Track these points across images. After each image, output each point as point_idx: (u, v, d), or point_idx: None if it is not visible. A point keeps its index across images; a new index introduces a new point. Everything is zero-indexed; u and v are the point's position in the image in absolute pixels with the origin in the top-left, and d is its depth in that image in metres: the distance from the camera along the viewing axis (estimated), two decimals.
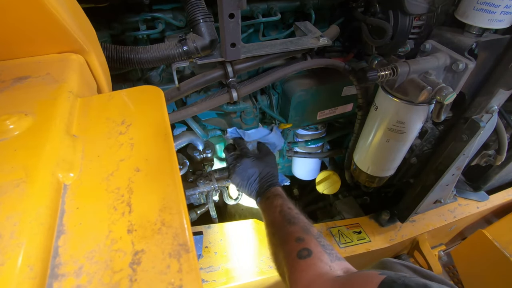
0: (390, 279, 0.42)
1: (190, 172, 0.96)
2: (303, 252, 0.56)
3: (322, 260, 0.54)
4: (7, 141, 0.30)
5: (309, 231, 0.61)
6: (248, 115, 0.92)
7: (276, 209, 0.70)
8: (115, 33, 0.72)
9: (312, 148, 1.17)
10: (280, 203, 0.71)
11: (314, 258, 0.54)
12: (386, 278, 0.42)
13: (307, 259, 0.54)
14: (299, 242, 0.58)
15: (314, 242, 0.58)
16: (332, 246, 0.59)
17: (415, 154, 0.90)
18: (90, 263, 0.25)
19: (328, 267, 0.53)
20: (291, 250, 0.58)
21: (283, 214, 0.67)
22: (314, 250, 0.56)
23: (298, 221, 0.64)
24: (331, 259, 0.55)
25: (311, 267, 0.53)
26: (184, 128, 0.99)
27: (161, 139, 0.35)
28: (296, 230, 0.61)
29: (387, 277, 0.42)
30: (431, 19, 0.71)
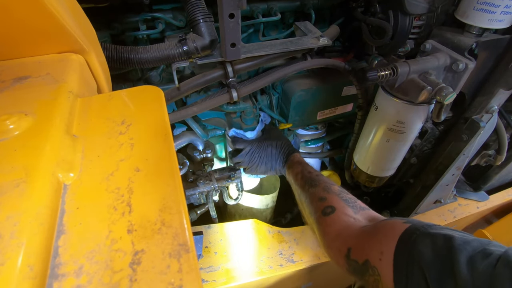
0: (413, 227, 0.44)
1: (190, 172, 0.95)
2: (327, 210, 0.60)
3: (346, 213, 0.58)
4: (7, 141, 0.30)
5: (330, 189, 0.65)
6: (248, 115, 0.92)
7: (298, 176, 0.75)
8: (115, 33, 0.72)
9: (312, 148, 1.17)
10: (300, 170, 0.76)
11: (338, 213, 0.58)
12: (410, 226, 0.44)
13: (331, 215, 0.58)
14: (322, 201, 0.62)
15: (336, 199, 0.61)
16: (355, 198, 0.63)
17: (415, 154, 0.90)
18: (90, 263, 0.25)
19: (352, 219, 0.56)
20: (316, 209, 0.62)
21: (305, 179, 0.73)
22: (337, 206, 0.59)
23: (319, 182, 0.68)
24: (354, 211, 0.58)
25: (336, 222, 0.57)
26: (184, 128, 0.99)
27: (161, 139, 0.35)
28: (318, 191, 0.66)
29: (411, 225, 0.44)
30: (431, 19, 0.71)
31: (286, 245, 0.97)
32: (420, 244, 0.41)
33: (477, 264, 0.36)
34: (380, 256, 0.45)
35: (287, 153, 0.85)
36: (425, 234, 0.42)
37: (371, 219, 0.57)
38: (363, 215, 0.58)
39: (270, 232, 1.01)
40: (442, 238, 0.40)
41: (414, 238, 0.42)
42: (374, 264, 0.45)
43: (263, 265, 0.92)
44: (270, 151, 0.86)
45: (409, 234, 0.43)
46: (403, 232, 0.44)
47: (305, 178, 0.73)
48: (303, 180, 0.73)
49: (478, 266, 0.35)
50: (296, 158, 0.82)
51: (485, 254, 0.37)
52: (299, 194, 0.73)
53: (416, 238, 0.42)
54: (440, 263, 0.38)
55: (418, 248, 0.41)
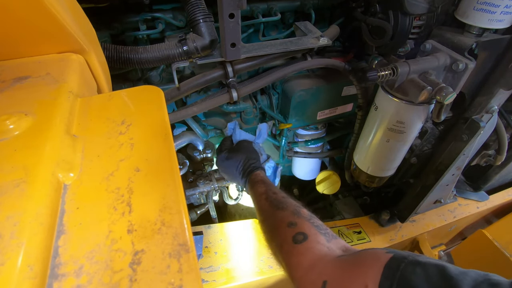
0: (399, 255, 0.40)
1: (190, 172, 0.95)
2: (298, 237, 0.54)
3: (319, 242, 0.52)
4: (7, 141, 0.30)
5: (300, 214, 0.59)
6: (248, 115, 0.92)
7: (262, 197, 0.68)
8: (115, 33, 0.72)
9: (312, 148, 1.17)
10: (264, 190, 0.69)
11: (311, 241, 0.52)
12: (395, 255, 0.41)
13: (303, 243, 0.52)
14: (292, 227, 0.56)
15: (307, 225, 0.56)
16: (325, 225, 0.58)
17: (415, 154, 0.90)
18: (90, 263, 0.25)
19: (326, 249, 0.51)
20: (285, 236, 0.55)
21: (270, 200, 0.66)
22: (309, 233, 0.54)
23: (286, 205, 0.62)
24: (327, 240, 0.53)
25: (309, 250, 0.51)
26: (184, 128, 0.99)
27: (161, 139, 0.35)
28: (286, 215, 0.59)
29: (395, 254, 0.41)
30: (431, 19, 0.71)
31: None
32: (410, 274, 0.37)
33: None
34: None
35: (248, 170, 0.78)
36: (414, 263, 0.38)
37: (345, 249, 0.52)
38: (336, 245, 0.53)
39: None
40: (434, 267, 0.37)
41: (402, 267, 0.38)
42: None
43: (263, 265, 0.92)
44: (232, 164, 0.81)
45: (397, 263, 0.39)
46: (388, 260, 0.40)
47: (270, 199, 0.66)
48: (267, 201, 0.66)
49: None
50: (259, 177, 0.75)
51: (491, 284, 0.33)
52: (263, 218, 0.65)
53: (405, 267, 0.38)
54: None
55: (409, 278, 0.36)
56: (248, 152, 0.83)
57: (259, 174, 0.76)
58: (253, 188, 0.73)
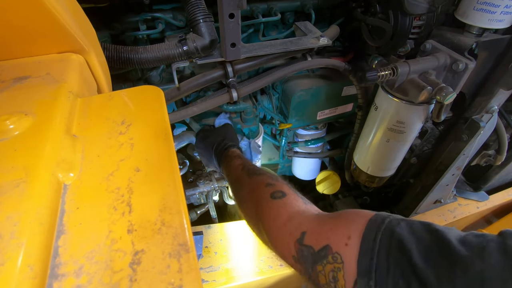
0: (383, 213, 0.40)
1: (190, 172, 0.96)
2: (277, 194, 0.53)
3: (297, 200, 0.52)
4: (7, 141, 0.30)
5: (278, 179, 0.58)
6: (248, 115, 0.92)
7: (238, 168, 0.66)
8: (115, 33, 0.72)
9: (312, 148, 1.17)
10: (240, 162, 0.68)
11: (289, 198, 0.52)
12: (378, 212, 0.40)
13: (282, 199, 0.52)
14: (270, 186, 0.55)
15: (285, 187, 0.55)
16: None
17: (415, 154, 0.90)
18: (90, 263, 0.25)
19: (304, 207, 0.50)
20: (263, 194, 0.54)
21: (247, 169, 0.64)
22: (287, 192, 0.53)
23: (264, 172, 0.61)
24: (304, 202, 0.52)
25: (288, 205, 0.50)
26: (184, 128, 0.99)
27: (161, 139, 0.35)
28: (264, 178, 0.58)
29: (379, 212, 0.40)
30: (431, 19, 0.71)
31: None
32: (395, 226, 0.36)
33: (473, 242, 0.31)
34: (347, 240, 0.39)
35: (224, 148, 0.76)
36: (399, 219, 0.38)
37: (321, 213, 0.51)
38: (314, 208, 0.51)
39: None
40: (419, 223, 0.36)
41: (387, 221, 0.37)
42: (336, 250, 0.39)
43: (263, 265, 0.92)
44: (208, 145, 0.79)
45: (381, 218, 0.38)
46: (372, 216, 0.39)
47: (247, 168, 0.64)
48: (244, 170, 0.64)
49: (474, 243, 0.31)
50: (235, 153, 0.73)
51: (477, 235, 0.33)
52: (238, 186, 0.63)
53: (390, 222, 0.37)
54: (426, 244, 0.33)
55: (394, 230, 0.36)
56: (227, 133, 0.81)
57: (235, 150, 0.75)
58: (229, 163, 0.71)
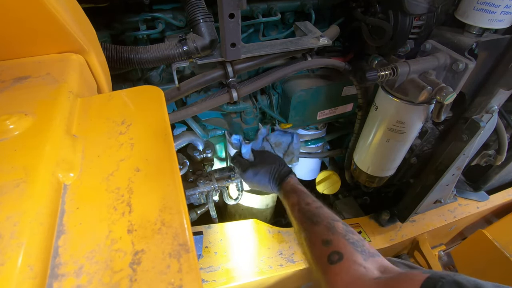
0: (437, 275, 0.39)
1: (190, 172, 0.95)
2: (334, 257, 0.52)
3: (355, 261, 0.50)
4: (7, 141, 0.30)
5: (335, 229, 0.57)
6: (248, 115, 0.92)
7: (295, 208, 0.67)
8: (115, 33, 0.72)
9: (312, 148, 1.17)
10: (296, 201, 0.68)
11: (346, 260, 0.51)
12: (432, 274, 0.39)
13: (339, 263, 0.51)
14: (327, 245, 0.54)
15: (343, 242, 0.54)
16: (362, 239, 0.56)
17: (415, 154, 0.90)
18: (90, 263, 0.25)
19: (363, 269, 0.49)
20: (321, 254, 0.54)
21: (303, 212, 0.64)
22: (344, 252, 0.52)
23: (321, 219, 0.60)
24: (364, 258, 0.51)
25: (344, 271, 0.49)
26: (184, 128, 0.99)
27: (161, 139, 0.35)
28: (321, 231, 0.57)
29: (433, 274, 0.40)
30: (431, 19, 0.71)
31: (286, 245, 0.97)
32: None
33: None
34: None
35: (279, 178, 0.77)
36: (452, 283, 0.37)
37: (383, 269, 0.50)
38: (374, 264, 0.51)
39: (270, 232, 1.01)
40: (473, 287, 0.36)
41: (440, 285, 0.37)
42: None
43: (263, 265, 0.92)
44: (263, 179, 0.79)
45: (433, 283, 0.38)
46: (425, 280, 0.39)
47: (303, 211, 0.64)
48: (300, 213, 0.64)
49: None
50: (289, 186, 0.73)
51: None
52: (298, 229, 0.64)
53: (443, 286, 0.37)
54: None
55: None
56: (272, 162, 0.82)
57: (289, 182, 0.75)
58: (286, 199, 0.72)
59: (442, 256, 1.25)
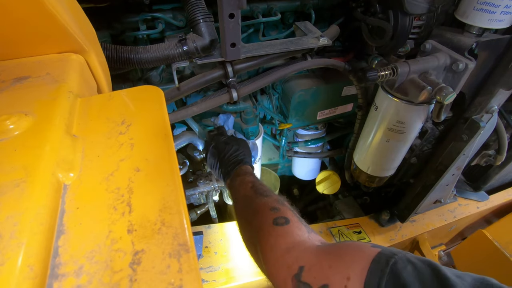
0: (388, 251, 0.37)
1: (190, 172, 0.96)
2: (280, 220, 0.51)
3: (300, 228, 0.50)
4: (7, 141, 0.30)
5: (284, 203, 0.57)
6: (248, 115, 0.92)
7: (248, 185, 0.66)
8: (115, 33, 0.72)
9: (312, 148, 1.17)
10: (251, 180, 0.67)
11: (292, 226, 0.50)
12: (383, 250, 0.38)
13: (284, 226, 0.50)
14: (275, 211, 0.54)
15: (290, 213, 0.54)
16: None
17: (415, 154, 0.90)
18: (90, 263, 0.25)
19: (306, 236, 0.49)
20: (266, 218, 0.53)
21: (255, 188, 0.63)
22: (291, 219, 0.52)
23: (271, 194, 0.61)
24: (308, 231, 0.51)
25: (289, 234, 0.49)
26: (184, 128, 0.99)
27: (161, 139, 0.35)
28: (270, 201, 0.57)
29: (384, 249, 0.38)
30: (431, 19, 0.71)
31: None
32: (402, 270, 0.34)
33: None
34: (346, 282, 0.37)
35: (237, 161, 0.75)
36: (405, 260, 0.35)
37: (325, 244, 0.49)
38: (316, 238, 0.50)
39: None
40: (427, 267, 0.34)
41: (393, 262, 0.35)
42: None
43: None
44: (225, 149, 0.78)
45: (385, 259, 0.36)
46: (376, 254, 0.37)
47: (256, 187, 0.64)
48: (253, 189, 0.64)
49: None
50: (249, 170, 0.73)
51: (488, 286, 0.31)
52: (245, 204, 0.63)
53: (396, 263, 0.35)
54: None
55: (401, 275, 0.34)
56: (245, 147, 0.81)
57: (249, 168, 0.75)
58: (240, 177, 0.71)
59: (442, 256, 1.25)
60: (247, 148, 0.83)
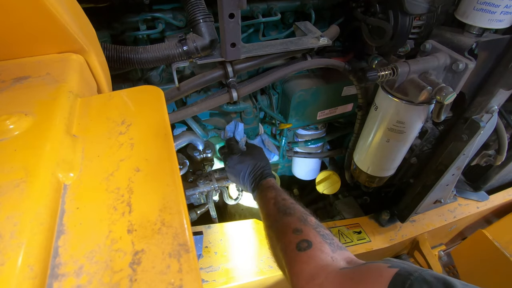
0: (405, 271, 0.39)
1: (190, 172, 0.95)
2: (303, 244, 0.53)
3: (323, 251, 0.51)
4: (7, 141, 0.30)
5: (307, 221, 0.58)
6: (248, 115, 0.92)
7: (270, 202, 0.67)
8: (115, 33, 0.72)
9: (312, 148, 1.17)
10: (273, 195, 0.69)
11: (315, 249, 0.51)
12: (400, 270, 0.39)
13: (307, 251, 0.51)
14: (297, 233, 0.55)
15: (313, 233, 0.55)
16: (332, 234, 0.57)
17: (415, 154, 0.90)
18: (90, 263, 0.25)
19: (330, 259, 0.50)
20: (289, 242, 0.55)
21: (278, 205, 0.65)
22: (313, 241, 0.53)
23: (294, 211, 0.62)
24: (332, 250, 0.52)
25: (312, 259, 0.50)
26: (184, 128, 0.99)
27: (161, 139, 0.35)
28: (292, 221, 0.59)
29: (400, 270, 0.39)
30: (431, 19, 0.71)
31: None
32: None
33: None
34: None
35: (258, 177, 0.78)
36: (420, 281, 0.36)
37: (349, 261, 0.51)
38: (341, 255, 0.51)
39: None
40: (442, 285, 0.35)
41: (408, 284, 0.37)
42: None
43: (263, 265, 0.92)
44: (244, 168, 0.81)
45: (401, 280, 0.37)
46: (393, 277, 0.38)
47: (278, 205, 0.65)
48: (275, 206, 0.65)
49: None
50: (270, 183, 0.74)
51: None
52: (269, 223, 0.65)
53: (412, 285, 0.36)
54: None
55: None
56: (261, 158, 0.83)
57: (270, 181, 0.76)
58: (262, 193, 0.72)
59: (442, 256, 1.25)
60: (263, 157, 0.84)
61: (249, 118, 0.93)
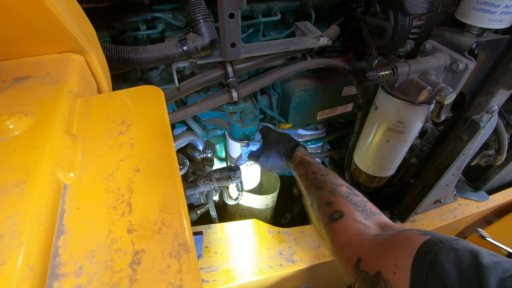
0: (435, 238, 0.40)
1: (190, 172, 0.95)
2: (335, 215, 0.56)
3: (355, 219, 0.54)
4: (7, 141, 0.30)
5: (337, 191, 0.61)
6: (248, 115, 0.92)
7: (302, 179, 0.72)
8: (115, 33, 0.71)
9: (312, 148, 1.17)
10: (303, 172, 0.73)
11: (346, 218, 0.54)
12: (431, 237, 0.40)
13: (339, 221, 0.54)
14: (329, 206, 0.58)
15: (344, 202, 0.57)
16: (366, 200, 0.59)
17: (415, 154, 0.90)
18: (90, 263, 0.25)
19: (362, 226, 0.52)
20: (324, 215, 0.58)
21: (309, 180, 0.69)
22: (345, 211, 0.55)
23: (325, 184, 0.64)
24: (364, 217, 0.54)
25: (345, 228, 0.53)
26: (184, 128, 0.99)
27: (161, 139, 0.35)
28: (324, 195, 0.62)
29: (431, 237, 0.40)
30: (431, 19, 0.71)
31: (286, 245, 0.97)
32: (443, 258, 0.37)
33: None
34: (395, 269, 0.41)
35: (288, 154, 0.84)
36: (448, 248, 0.38)
37: (383, 225, 0.53)
38: (374, 221, 0.54)
39: (270, 232, 1.01)
40: (469, 254, 0.36)
41: (436, 250, 0.38)
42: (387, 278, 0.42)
43: (263, 265, 0.92)
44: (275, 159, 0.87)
45: (430, 246, 0.39)
46: (422, 243, 0.40)
47: (309, 180, 0.69)
48: (307, 182, 0.69)
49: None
50: (297, 159, 0.79)
51: None
52: (306, 198, 0.70)
53: (438, 250, 0.38)
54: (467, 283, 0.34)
55: (441, 262, 0.37)
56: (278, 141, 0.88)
57: (296, 155, 0.81)
58: (295, 172, 0.78)
59: None
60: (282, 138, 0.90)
61: (249, 118, 0.93)
